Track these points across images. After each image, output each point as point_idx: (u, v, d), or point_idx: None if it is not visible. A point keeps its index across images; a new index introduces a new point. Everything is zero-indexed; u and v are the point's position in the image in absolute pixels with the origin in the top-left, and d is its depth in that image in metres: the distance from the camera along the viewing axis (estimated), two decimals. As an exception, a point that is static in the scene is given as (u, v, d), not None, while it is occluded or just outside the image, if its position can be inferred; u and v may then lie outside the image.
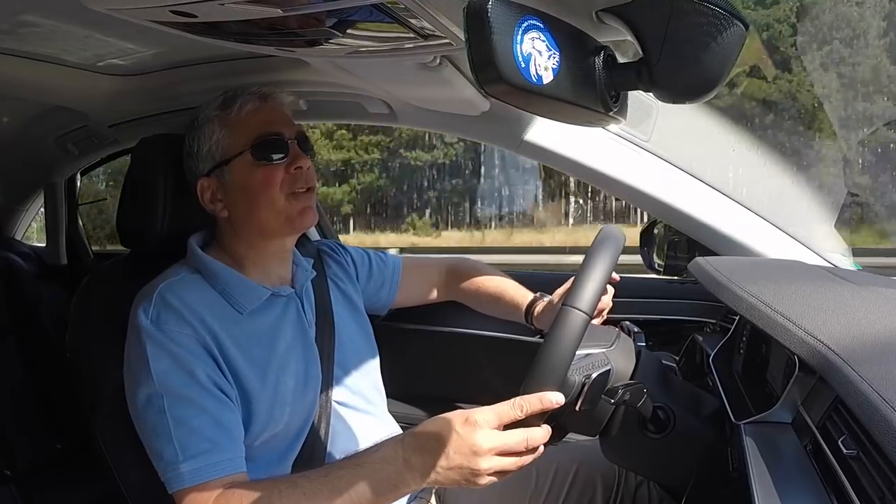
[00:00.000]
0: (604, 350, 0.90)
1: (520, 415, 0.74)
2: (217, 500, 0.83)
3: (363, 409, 1.09)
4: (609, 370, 0.86)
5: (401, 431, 1.13)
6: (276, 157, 0.98)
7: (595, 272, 0.80)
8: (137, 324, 0.90)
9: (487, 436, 0.74)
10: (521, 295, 1.22)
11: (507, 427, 0.75)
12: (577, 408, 0.82)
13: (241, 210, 0.99)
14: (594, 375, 0.84)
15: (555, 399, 0.75)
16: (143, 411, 0.87)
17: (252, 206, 0.98)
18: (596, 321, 1.11)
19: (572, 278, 1.08)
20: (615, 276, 1.08)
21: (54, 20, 0.95)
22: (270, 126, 0.99)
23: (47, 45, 1.07)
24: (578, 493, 1.13)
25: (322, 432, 1.02)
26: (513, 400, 0.75)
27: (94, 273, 1.10)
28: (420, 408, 1.53)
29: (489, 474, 0.75)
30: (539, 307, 1.17)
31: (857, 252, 1.37)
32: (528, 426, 0.76)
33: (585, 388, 0.83)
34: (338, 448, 1.02)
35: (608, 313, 1.14)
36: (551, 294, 1.17)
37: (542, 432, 0.76)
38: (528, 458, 0.77)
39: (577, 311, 0.76)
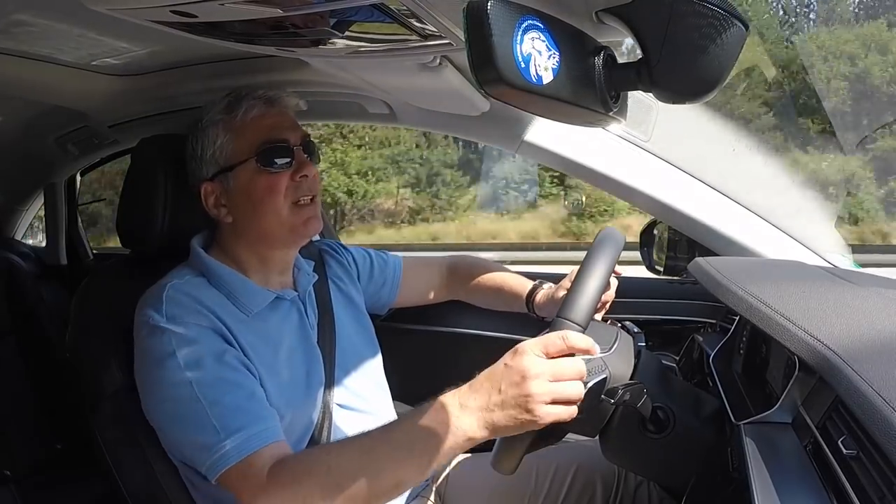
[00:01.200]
0: (601, 355, 0.91)
1: (564, 346, 0.75)
2: (271, 473, 0.81)
3: (365, 409, 1.09)
4: (605, 378, 0.86)
5: None
6: (281, 163, 0.97)
7: (591, 280, 0.79)
8: (153, 324, 0.89)
9: (535, 361, 0.74)
10: (520, 284, 1.22)
11: None
12: None
13: (245, 216, 0.99)
14: (590, 384, 0.84)
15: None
16: (174, 405, 0.86)
17: (256, 213, 0.97)
18: (598, 315, 1.11)
19: (574, 270, 1.08)
20: (618, 269, 1.08)
21: (53, 20, 0.95)
22: (276, 132, 0.98)
23: (46, 45, 1.07)
24: (578, 493, 1.13)
25: (324, 435, 1.01)
26: (559, 332, 0.75)
27: (94, 273, 1.10)
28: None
29: (545, 402, 0.73)
30: (539, 295, 1.18)
31: (856, 249, 1.37)
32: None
33: (581, 397, 0.83)
34: None
35: (609, 313, 1.14)
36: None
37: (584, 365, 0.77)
38: (576, 389, 0.75)
39: (570, 323, 0.76)
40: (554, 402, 0.74)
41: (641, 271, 1.46)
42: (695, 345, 1.27)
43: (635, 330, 1.02)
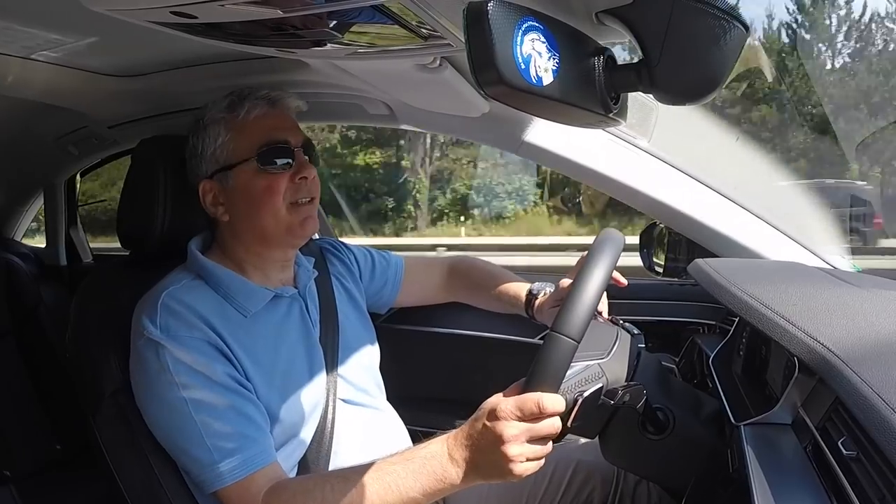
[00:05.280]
0: (598, 361, 0.91)
1: (538, 413, 0.76)
2: (268, 495, 0.85)
3: (367, 403, 1.10)
4: (601, 387, 0.87)
5: (401, 423, 1.14)
6: (281, 164, 0.97)
7: (588, 288, 0.78)
8: (147, 335, 0.90)
9: (512, 426, 0.76)
10: (519, 290, 1.22)
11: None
12: (569, 424, 0.84)
13: (242, 216, 0.99)
14: (586, 394, 0.86)
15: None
16: (169, 418, 0.88)
17: (254, 213, 0.98)
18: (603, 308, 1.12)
19: (571, 272, 1.07)
20: (623, 280, 1.08)
21: (52, 22, 0.95)
22: (278, 132, 0.99)
23: (44, 47, 1.07)
24: (576, 492, 1.13)
25: (328, 430, 1.02)
26: (535, 398, 0.76)
27: (93, 274, 1.10)
28: (420, 409, 1.52)
29: (521, 462, 0.76)
30: (537, 302, 1.18)
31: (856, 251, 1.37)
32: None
33: (577, 406, 0.85)
34: (344, 445, 1.02)
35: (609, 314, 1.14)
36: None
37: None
38: (549, 446, 0.78)
39: (564, 338, 0.76)
40: (531, 459, 0.77)
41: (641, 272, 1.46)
42: (694, 346, 1.27)
43: (635, 331, 1.03)
